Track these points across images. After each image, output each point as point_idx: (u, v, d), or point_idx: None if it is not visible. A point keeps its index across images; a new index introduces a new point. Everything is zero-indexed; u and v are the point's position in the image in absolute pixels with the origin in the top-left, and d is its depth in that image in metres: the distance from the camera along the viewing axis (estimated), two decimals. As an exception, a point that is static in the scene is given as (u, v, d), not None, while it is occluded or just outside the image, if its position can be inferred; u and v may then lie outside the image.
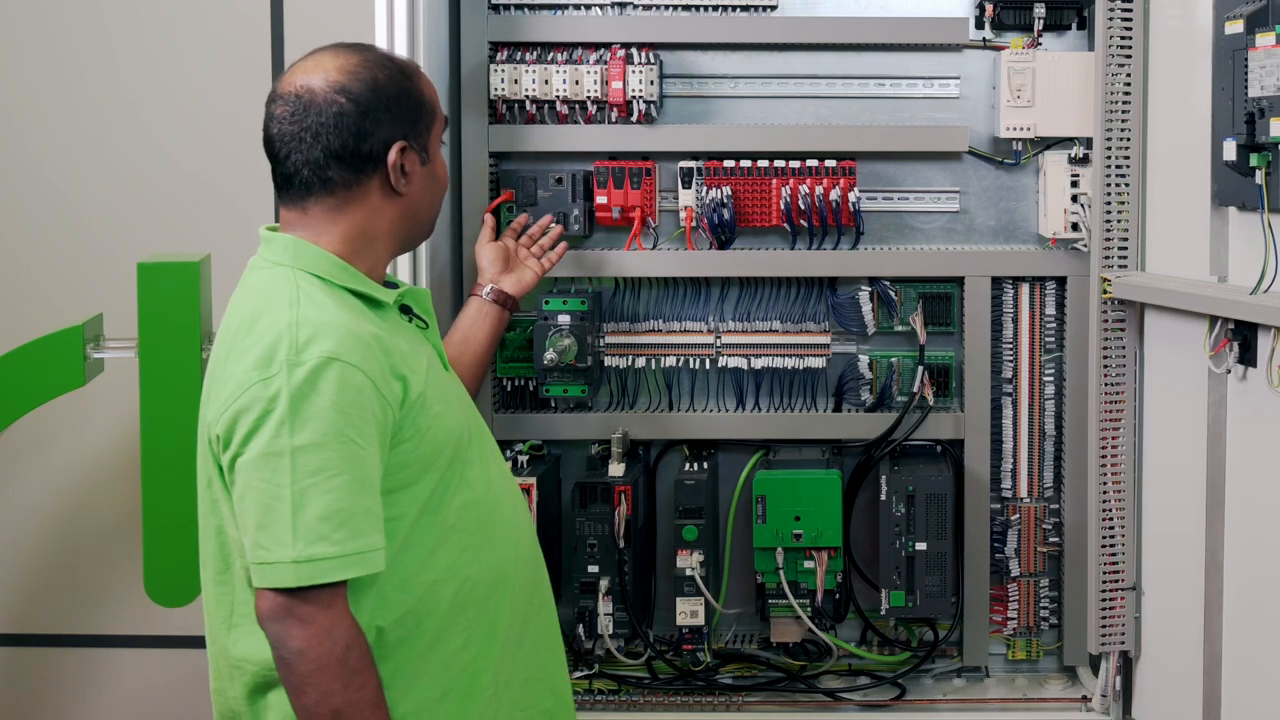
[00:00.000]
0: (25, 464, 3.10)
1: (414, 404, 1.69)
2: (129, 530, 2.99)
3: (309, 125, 1.71)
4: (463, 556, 1.75)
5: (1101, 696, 2.62)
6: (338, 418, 1.60)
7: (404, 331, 1.77)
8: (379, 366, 1.65)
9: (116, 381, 2.75)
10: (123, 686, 3.15)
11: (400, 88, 1.75)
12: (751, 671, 2.73)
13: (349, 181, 1.73)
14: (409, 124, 1.76)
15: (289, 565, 1.58)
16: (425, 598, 1.71)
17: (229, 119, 3.05)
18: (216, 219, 3.06)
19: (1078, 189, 2.62)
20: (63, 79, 3.06)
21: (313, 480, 1.59)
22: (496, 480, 1.84)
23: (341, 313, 1.67)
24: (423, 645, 1.72)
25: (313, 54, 1.77)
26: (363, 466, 1.62)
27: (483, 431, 1.87)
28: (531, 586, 1.87)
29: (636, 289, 2.72)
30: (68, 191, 3.07)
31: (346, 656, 1.59)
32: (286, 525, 1.58)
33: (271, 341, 1.62)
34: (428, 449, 1.71)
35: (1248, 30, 2.12)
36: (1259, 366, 2.20)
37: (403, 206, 1.77)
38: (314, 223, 1.74)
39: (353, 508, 1.60)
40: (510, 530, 1.83)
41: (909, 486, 2.60)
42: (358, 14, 2.74)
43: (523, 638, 1.83)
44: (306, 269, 1.71)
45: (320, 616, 1.59)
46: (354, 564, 1.60)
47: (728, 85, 2.73)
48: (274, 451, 1.59)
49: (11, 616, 3.14)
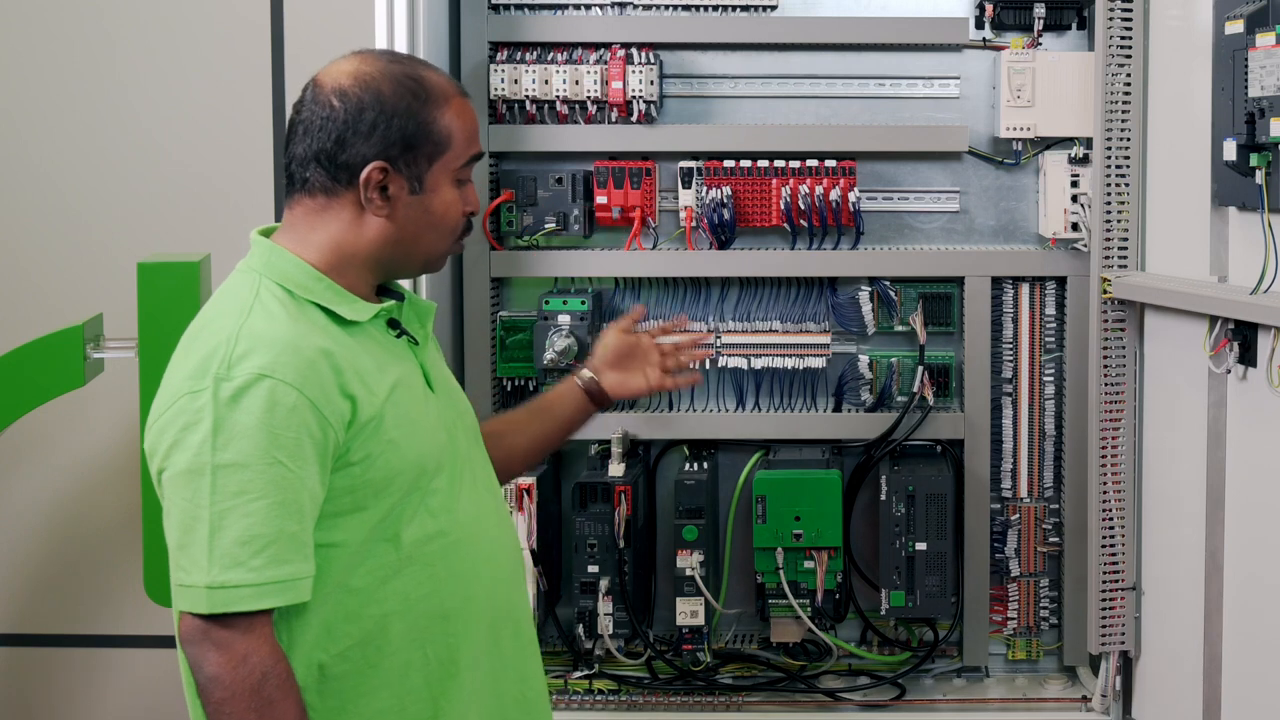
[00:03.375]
0: (25, 464, 3.10)
1: (364, 426, 1.58)
2: (129, 530, 2.99)
3: (304, 119, 1.65)
4: (419, 589, 1.63)
5: (1101, 696, 2.62)
6: (264, 438, 1.51)
7: (376, 348, 1.66)
8: (321, 385, 1.56)
9: (116, 381, 2.75)
10: (123, 686, 3.15)
11: (406, 110, 1.64)
12: (751, 671, 2.73)
13: (326, 187, 1.65)
14: (399, 148, 1.63)
15: (203, 590, 1.50)
16: (374, 631, 1.62)
17: (229, 119, 3.05)
18: (216, 219, 3.06)
19: (1078, 189, 2.62)
20: (62, 79, 3.06)
21: (233, 502, 1.51)
22: (467, 510, 1.71)
23: (292, 327, 1.59)
24: (374, 681, 1.63)
25: (356, 52, 1.70)
26: (289, 489, 1.52)
27: (461, 458, 1.73)
28: (506, 619, 1.75)
29: (636, 289, 2.72)
30: (68, 191, 3.07)
31: (261, 686, 1.51)
32: (203, 548, 1.51)
33: (208, 353, 1.56)
34: (379, 474, 1.60)
35: (1248, 30, 2.12)
36: (1259, 366, 2.20)
37: (382, 230, 1.66)
38: (298, 224, 1.67)
39: (274, 533, 1.51)
40: (480, 565, 1.71)
41: (909, 486, 2.60)
42: (358, 14, 2.74)
43: (499, 678, 1.73)
44: (275, 278, 1.64)
45: (236, 643, 1.51)
46: (270, 593, 1.51)
47: (728, 85, 2.72)
48: (195, 469, 1.52)
49: (11, 616, 3.14)
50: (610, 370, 2.09)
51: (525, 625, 1.79)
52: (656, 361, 2.12)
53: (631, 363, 2.11)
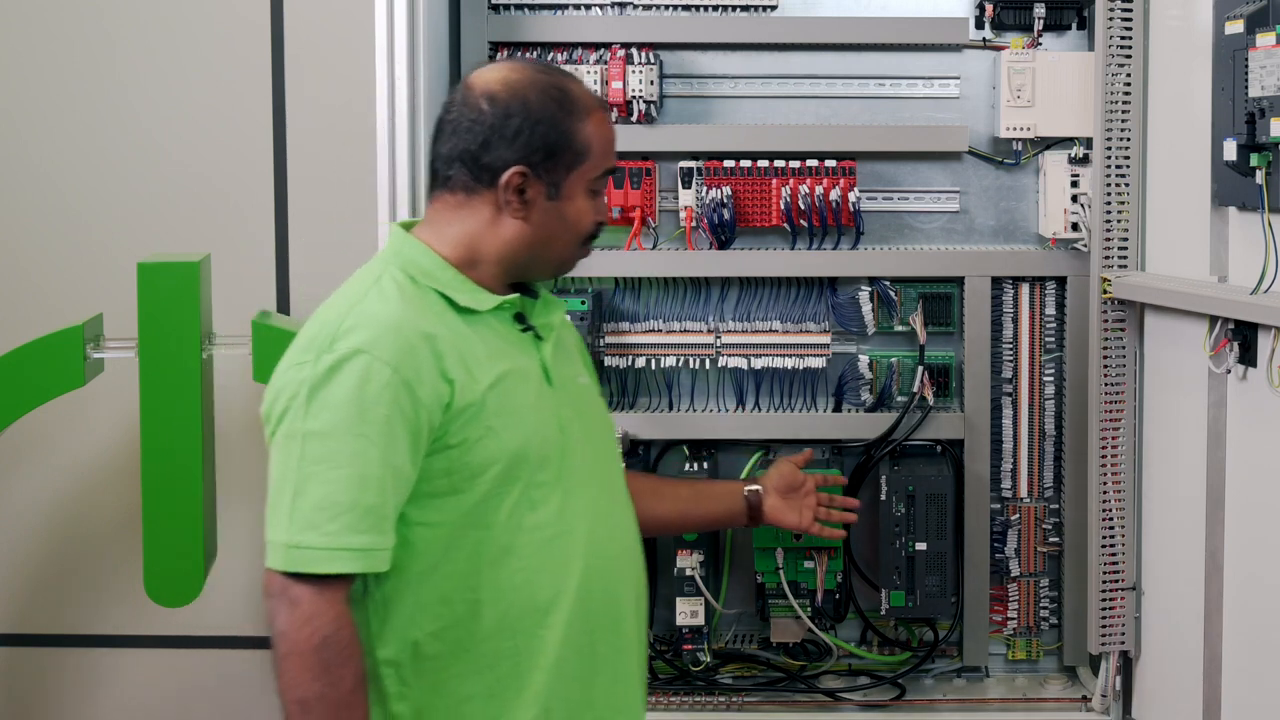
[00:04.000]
0: (25, 464, 3.10)
1: (462, 410, 1.65)
2: (129, 530, 2.99)
3: (452, 119, 1.74)
4: (512, 579, 1.69)
5: (1101, 696, 2.62)
6: (353, 411, 1.59)
7: (494, 338, 1.72)
8: (417, 366, 1.63)
9: (116, 381, 2.75)
10: (123, 686, 3.15)
11: (550, 118, 1.72)
12: (751, 671, 2.73)
13: (467, 186, 1.73)
14: (541, 154, 1.72)
15: (282, 547, 1.59)
16: (466, 616, 1.68)
17: (229, 119, 3.05)
18: (216, 219, 3.06)
19: (1078, 189, 2.62)
20: (62, 79, 3.06)
21: (316, 468, 1.59)
22: (574, 508, 1.73)
23: (402, 310, 1.66)
24: (465, 665, 1.68)
25: (507, 59, 1.83)
26: (370, 463, 1.60)
27: (573, 455, 1.75)
28: (605, 620, 1.77)
29: (637, 289, 2.72)
30: (68, 191, 3.07)
31: (321, 648, 1.57)
32: (286, 509, 1.60)
33: (318, 329, 1.65)
34: (475, 459, 1.66)
35: (1248, 30, 2.12)
36: (1259, 366, 2.20)
37: (517, 231, 1.74)
38: (436, 219, 1.76)
39: (350, 502, 1.59)
40: (579, 562, 1.73)
41: (909, 486, 2.60)
42: (358, 14, 2.74)
43: (589, 677, 1.75)
44: (400, 265, 1.72)
45: (305, 603, 1.58)
46: (340, 559, 1.58)
47: (728, 85, 2.73)
48: (290, 434, 1.61)
49: (11, 616, 3.14)
50: (775, 495, 2.28)
51: (629, 628, 1.80)
52: (812, 505, 2.33)
53: (793, 496, 2.31)
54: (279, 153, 3.06)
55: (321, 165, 3.05)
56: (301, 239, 3.08)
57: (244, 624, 3.13)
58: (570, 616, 1.72)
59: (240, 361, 2.62)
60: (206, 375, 2.58)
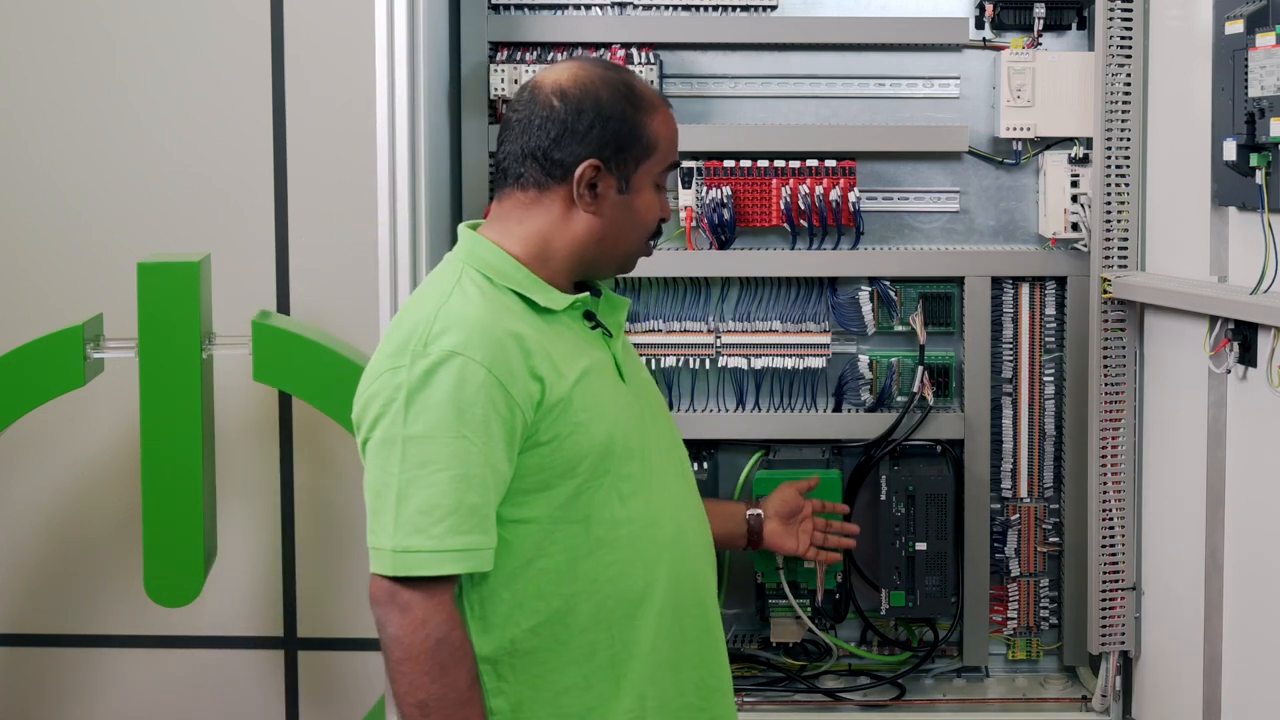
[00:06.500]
0: (25, 464, 3.10)
1: (552, 407, 1.68)
2: (129, 530, 3.00)
3: (523, 117, 1.76)
4: (606, 572, 1.73)
5: (1101, 696, 2.62)
6: (451, 413, 1.62)
7: (571, 335, 1.77)
8: (509, 366, 1.65)
9: (116, 381, 2.75)
10: (123, 686, 3.16)
11: (620, 114, 1.75)
12: (751, 671, 2.73)
13: (539, 182, 1.75)
14: (612, 148, 1.75)
15: (389, 553, 1.62)
16: (563, 610, 1.71)
17: (229, 119, 3.06)
18: (216, 219, 3.06)
19: (1078, 189, 2.62)
20: (62, 79, 3.06)
21: (418, 472, 1.62)
22: (659, 498, 1.79)
23: (487, 309, 1.68)
24: (562, 658, 1.72)
25: (572, 59, 1.89)
26: (471, 463, 1.62)
27: (653, 448, 1.82)
28: (692, 607, 1.82)
29: (637, 289, 2.72)
30: (68, 191, 3.07)
31: (436, 650, 1.61)
32: (391, 514, 1.62)
33: (408, 332, 1.67)
34: (566, 455, 1.70)
35: (1248, 30, 2.12)
36: (1259, 366, 2.20)
37: (589, 225, 1.77)
38: (505, 217, 1.78)
39: (454, 504, 1.61)
40: (668, 552, 1.78)
41: (909, 486, 2.60)
42: (358, 14, 2.74)
43: (680, 663, 1.80)
44: (476, 266, 1.74)
45: (416, 607, 1.61)
46: (448, 560, 1.61)
47: (728, 85, 2.73)
48: (389, 439, 1.63)
49: (11, 616, 3.15)
50: (776, 520, 2.35)
51: (711, 614, 1.87)
52: (809, 530, 2.40)
53: (792, 522, 2.38)
54: (279, 153, 3.06)
55: (321, 165, 3.05)
56: (301, 239, 3.08)
57: (244, 624, 3.13)
58: (661, 605, 1.76)
59: (240, 361, 2.62)
60: (206, 375, 2.58)
